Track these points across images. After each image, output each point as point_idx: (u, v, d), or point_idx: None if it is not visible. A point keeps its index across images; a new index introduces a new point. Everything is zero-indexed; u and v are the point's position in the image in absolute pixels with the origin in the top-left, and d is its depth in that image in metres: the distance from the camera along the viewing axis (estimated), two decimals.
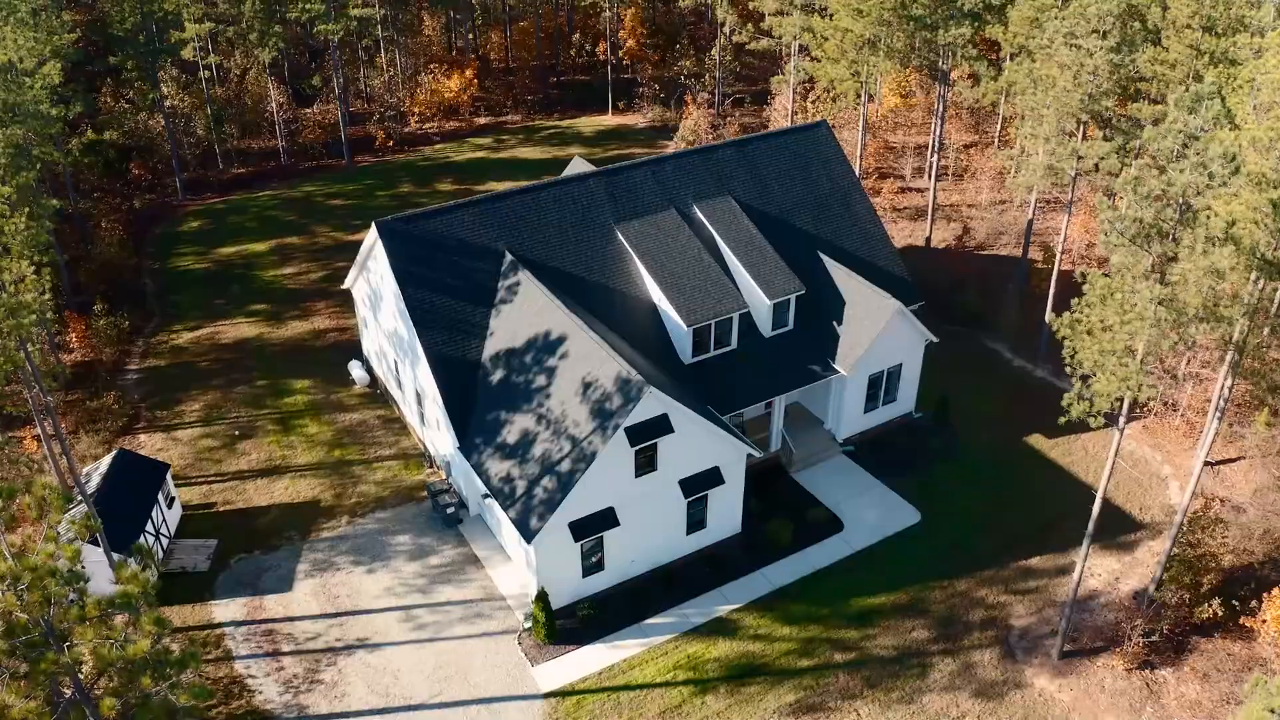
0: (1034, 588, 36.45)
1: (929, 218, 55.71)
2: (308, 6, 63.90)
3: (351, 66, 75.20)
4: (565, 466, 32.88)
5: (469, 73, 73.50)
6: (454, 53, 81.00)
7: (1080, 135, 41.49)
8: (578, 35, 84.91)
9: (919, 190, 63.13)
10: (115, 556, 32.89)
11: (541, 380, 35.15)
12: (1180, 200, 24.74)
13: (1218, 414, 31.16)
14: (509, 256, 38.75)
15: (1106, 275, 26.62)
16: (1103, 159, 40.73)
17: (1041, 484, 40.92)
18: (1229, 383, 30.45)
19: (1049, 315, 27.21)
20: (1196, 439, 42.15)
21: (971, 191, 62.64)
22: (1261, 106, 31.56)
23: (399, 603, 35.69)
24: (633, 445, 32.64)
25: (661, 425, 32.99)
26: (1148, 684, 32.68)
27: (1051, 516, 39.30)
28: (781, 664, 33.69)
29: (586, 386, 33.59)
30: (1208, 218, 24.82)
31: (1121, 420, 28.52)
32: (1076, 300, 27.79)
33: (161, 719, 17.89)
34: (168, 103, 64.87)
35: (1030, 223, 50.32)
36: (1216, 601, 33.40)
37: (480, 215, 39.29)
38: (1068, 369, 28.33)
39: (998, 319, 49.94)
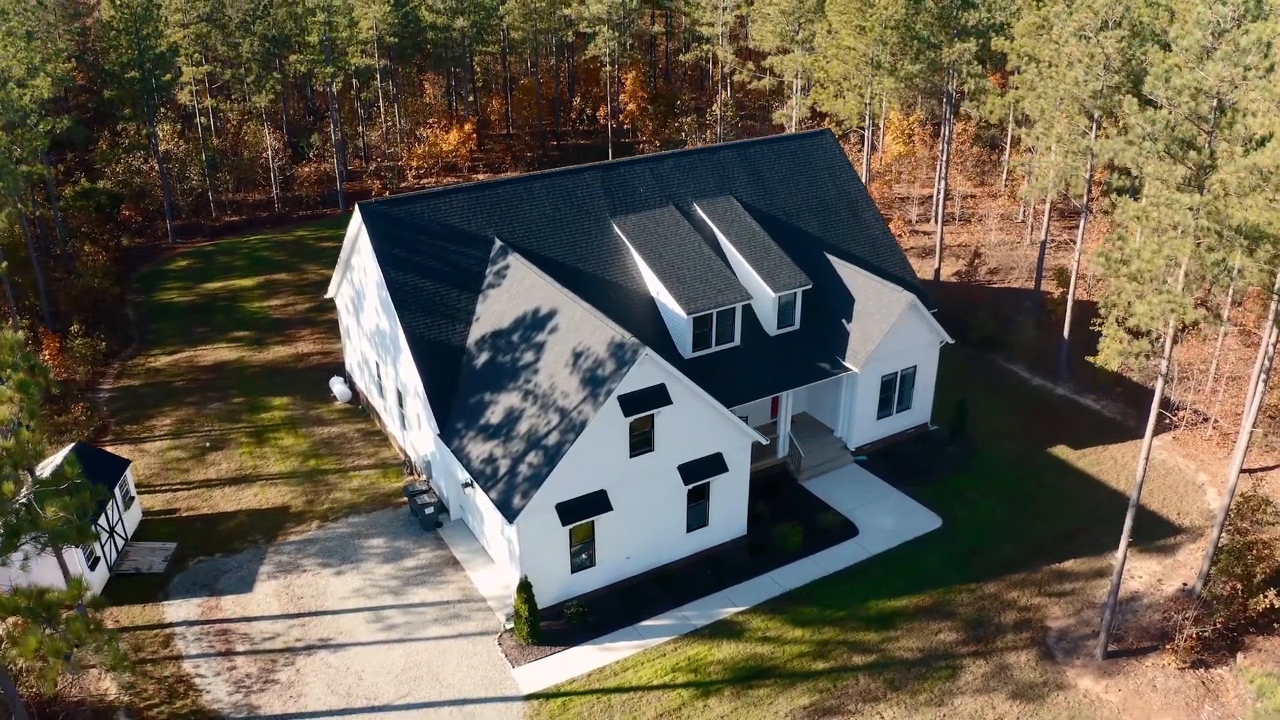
0: (1069, 590, 33.09)
1: (937, 254, 54.05)
2: (308, 55, 64.01)
3: (350, 124, 75.10)
4: (552, 439, 30.11)
5: (467, 127, 73.27)
6: (454, 117, 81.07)
7: (1094, 132, 40.05)
8: (578, 100, 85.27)
9: (925, 232, 61.70)
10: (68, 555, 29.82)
11: (529, 356, 32.72)
12: (1215, 96, 22.88)
13: (1263, 375, 28.57)
14: (498, 243, 36.84)
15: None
16: (1117, 155, 39.19)
17: (1069, 492, 37.94)
18: (1273, 338, 27.99)
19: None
20: (1230, 449, 39.30)
21: (980, 233, 61.18)
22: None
23: (368, 604, 32.37)
24: (627, 415, 29.93)
25: (659, 395, 30.35)
26: (1203, 682, 29.08)
27: (1082, 523, 36.23)
28: (793, 666, 30.16)
29: (577, 356, 31.13)
30: (1245, 123, 22.91)
31: (1163, 365, 25.98)
32: (1107, 234, 25.69)
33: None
34: (162, 147, 64.22)
35: (1043, 245, 48.40)
36: (1272, 592, 30.08)
37: (470, 202, 37.56)
38: (1101, 311, 26.02)
39: (1013, 341, 47.61)
